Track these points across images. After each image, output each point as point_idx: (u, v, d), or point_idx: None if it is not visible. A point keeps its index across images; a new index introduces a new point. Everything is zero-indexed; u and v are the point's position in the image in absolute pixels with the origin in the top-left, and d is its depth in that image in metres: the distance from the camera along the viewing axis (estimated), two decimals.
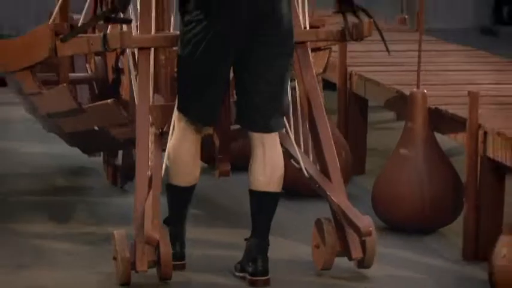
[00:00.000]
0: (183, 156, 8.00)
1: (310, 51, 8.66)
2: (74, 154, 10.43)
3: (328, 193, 7.98)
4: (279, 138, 8.17)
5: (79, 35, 8.17)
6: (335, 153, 8.23)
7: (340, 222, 7.84)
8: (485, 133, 7.74)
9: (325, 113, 8.49)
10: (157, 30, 8.37)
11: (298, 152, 8.53)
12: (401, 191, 8.53)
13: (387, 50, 8.70)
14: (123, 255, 7.57)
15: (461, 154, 8.64)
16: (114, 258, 7.67)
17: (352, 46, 10.42)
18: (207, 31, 7.57)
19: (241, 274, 7.85)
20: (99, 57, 9.90)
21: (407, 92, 8.89)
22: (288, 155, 8.56)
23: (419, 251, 8.32)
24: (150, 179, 8.02)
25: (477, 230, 7.83)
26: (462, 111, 8.05)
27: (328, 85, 10.43)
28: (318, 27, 8.97)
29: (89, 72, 9.66)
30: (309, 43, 8.62)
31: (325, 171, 8.23)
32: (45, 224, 9.03)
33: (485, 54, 11.94)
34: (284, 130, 8.44)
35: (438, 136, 8.73)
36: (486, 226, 7.78)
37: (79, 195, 9.83)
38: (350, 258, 7.81)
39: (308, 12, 8.78)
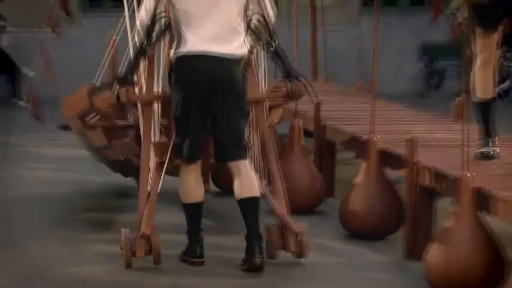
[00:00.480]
0: (187, 183, 8.20)
1: (266, 108, 9.05)
2: (123, 181, 10.46)
3: (275, 207, 8.46)
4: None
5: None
6: (280, 181, 8.65)
7: (282, 226, 8.24)
8: (419, 168, 7.94)
9: (274, 152, 8.82)
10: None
11: (257, 180, 8.64)
12: (360, 209, 8.63)
13: (316, 98, 9.59)
14: (127, 246, 7.94)
15: (403, 183, 8.50)
16: (121, 248, 7.99)
17: (324, 106, 10.63)
18: (181, 95, 8.00)
19: (245, 266, 7.96)
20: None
21: (363, 138, 9.06)
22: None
23: (372, 252, 8.38)
24: (149, 194, 8.39)
25: (414, 237, 7.95)
26: (404, 152, 8.17)
27: (307, 133, 10.55)
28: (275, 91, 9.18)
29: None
30: (265, 102, 8.98)
31: (273, 193, 8.62)
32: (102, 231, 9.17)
33: (420, 112, 12.09)
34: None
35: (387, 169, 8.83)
36: (420, 234, 7.86)
37: (122, 211, 9.73)
38: (288, 251, 8.15)
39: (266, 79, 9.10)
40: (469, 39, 7.89)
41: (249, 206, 8.15)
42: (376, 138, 8.72)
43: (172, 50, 8.06)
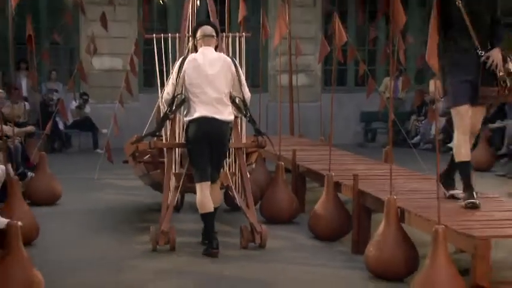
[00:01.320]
0: (202, 198, 8.06)
1: (244, 152, 9.18)
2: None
3: (246, 213, 8.53)
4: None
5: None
6: (250, 198, 8.64)
7: (251, 227, 8.29)
8: (361, 192, 7.84)
9: (247, 179, 8.87)
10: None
11: (236, 194, 9.00)
12: (322, 220, 8.47)
13: (274, 149, 9.68)
14: (153, 237, 8.06)
15: (350, 203, 8.39)
16: (150, 240, 8.12)
17: (298, 152, 10.43)
18: (192, 143, 8.06)
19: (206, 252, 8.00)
20: None
21: (324, 173, 8.72)
22: (232, 195, 9.28)
23: (330, 247, 8.20)
24: (168, 205, 8.40)
25: (358, 239, 7.81)
26: (351, 183, 7.97)
27: (287, 170, 10.15)
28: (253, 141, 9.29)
29: None
30: (244, 148, 9.11)
31: (247, 206, 8.64)
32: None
33: (361, 157, 11.50)
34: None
35: (340, 195, 8.60)
36: (362, 237, 7.74)
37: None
38: (254, 243, 8.19)
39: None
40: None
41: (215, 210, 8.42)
42: (332, 174, 8.53)
43: (185, 116, 8.23)
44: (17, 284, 5.67)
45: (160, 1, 14.52)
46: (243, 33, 9.83)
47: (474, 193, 6.79)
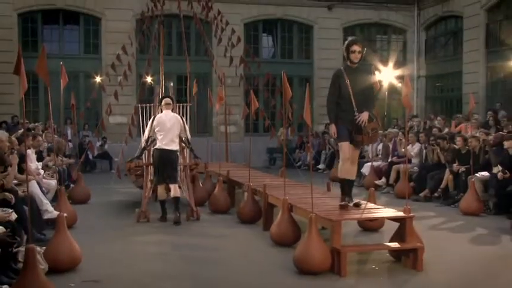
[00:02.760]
0: (160, 192, 8.58)
1: (188, 168, 9.34)
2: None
3: (189, 201, 8.76)
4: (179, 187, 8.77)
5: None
6: (191, 192, 8.85)
7: (191, 209, 8.64)
8: (267, 194, 7.67)
9: (189, 182, 9.14)
10: None
11: (184, 191, 9.02)
12: (245, 211, 8.28)
13: (196, 157, 9.55)
14: (137, 215, 8.42)
15: (261, 201, 8.01)
16: (135, 216, 8.45)
17: (231, 171, 10.15)
18: (155, 163, 8.59)
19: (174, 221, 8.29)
20: None
21: (246, 184, 8.52)
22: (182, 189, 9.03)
23: (251, 226, 8.00)
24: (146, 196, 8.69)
25: (266, 222, 7.65)
26: (262, 189, 7.85)
27: (224, 182, 9.63)
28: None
29: None
30: (188, 166, 9.34)
31: (189, 197, 8.81)
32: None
33: (267, 174, 10.93)
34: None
35: (256, 196, 8.29)
36: (268, 220, 7.58)
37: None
38: (193, 217, 8.55)
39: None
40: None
41: (176, 199, 8.43)
42: (251, 184, 8.26)
43: (154, 147, 8.62)
44: (63, 253, 5.50)
45: (150, 82, 14.45)
46: (189, 104, 10.84)
47: (351, 198, 6.39)
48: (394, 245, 5.79)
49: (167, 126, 8.46)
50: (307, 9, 19.91)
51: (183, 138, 8.84)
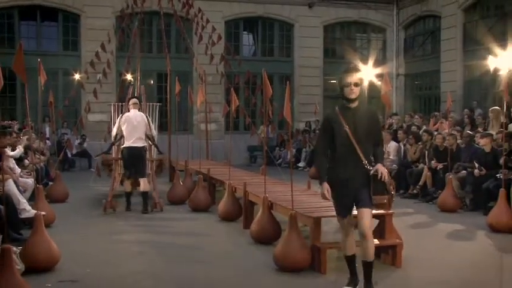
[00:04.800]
0: (126, 185, 9.14)
1: (154, 163, 9.82)
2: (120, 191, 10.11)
3: (153, 194, 9.07)
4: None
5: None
6: (155, 186, 9.31)
7: (155, 201, 9.10)
8: (248, 192, 7.59)
9: (155, 177, 9.68)
10: None
11: (151, 183, 9.32)
12: (225, 209, 8.20)
13: (160, 152, 10.00)
14: (104, 205, 8.93)
15: (242, 199, 7.91)
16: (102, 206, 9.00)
17: (211, 169, 10.07)
18: (124, 158, 9.01)
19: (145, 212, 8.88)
20: None
21: (226, 181, 8.44)
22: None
23: (229, 224, 7.99)
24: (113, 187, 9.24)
25: (246, 219, 7.59)
26: (242, 187, 7.76)
27: (204, 179, 9.65)
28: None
29: None
30: (154, 161, 9.74)
31: (154, 189, 9.21)
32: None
33: (247, 172, 10.75)
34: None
35: (237, 194, 8.23)
36: (249, 218, 7.51)
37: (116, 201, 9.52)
38: (156, 208, 9.06)
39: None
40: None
41: (145, 193, 8.99)
42: (231, 182, 8.22)
43: (122, 144, 9.06)
44: (41, 252, 5.40)
45: (130, 80, 14.34)
46: (158, 103, 11.69)
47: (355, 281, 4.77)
48: (374, 241, 5.79)
49: (134, 125, 8.95)
50: (288, 8, 19.93)
51: (149, 136, 9.24)
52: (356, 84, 4.37)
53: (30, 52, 15.62)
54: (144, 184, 9.04)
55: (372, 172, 4.34)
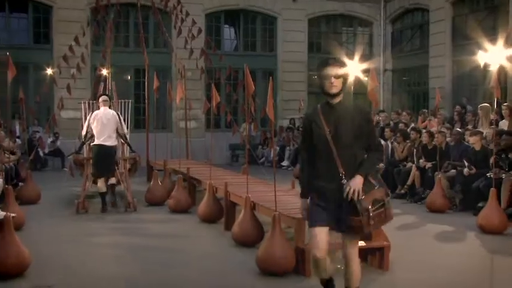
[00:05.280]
0: (99, 185, 9.24)
1: (127, 162, 9.99)
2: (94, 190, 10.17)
3: (127, 193, 9.31)
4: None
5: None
6: (129, 185, 9.46)
7: (129, 201, 9.24)
8: (229, 193, 7.62)
9: (128, 176, 9.67)
10: None
11: (122, 183, 9.58)
12: (205, 210, 8.21)
13: (132, 151, 10.01)
14: (77, 205, 9.06)
15: (223, 199, 7.93)
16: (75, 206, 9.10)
17: (191, 168, 10.19)
18: (94, 157, 9.20)
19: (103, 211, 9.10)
20: None
21: (206, 182, 8.41)
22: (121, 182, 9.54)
23: (210, 225, 7.99)
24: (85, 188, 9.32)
25: (227, 221, 7.62)
26: (223, 187, 7.79)
27: (184, 179, 9.59)
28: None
29: None
30: (127, 160, 9.98)
31: (127, 188, 9.41)
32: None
33: (229, 171, 10.84)
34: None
35: (217, 194, 8.30)
36: (230, 220, 7.55)
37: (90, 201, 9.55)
38: (130, 208, 9.27)
39: None
40: None
41: (113, 185, 9.43)
42: (212, 182, 8.22)
43: (92, 143, 9.24)
44: (10, 257, 5.31)
45: (105, 75, 14.21)
46: (130, 100, 11.82)
47: None
48: (360, 243, 5.78)
49: (104, 123, 9.13)
50: (271, 0, 19.92)
51: (121, 134, 9.41)
52: (337, 77, 3.80)
53: None
54: (113, 178, 9.41)
55: (344, 187, 3.71)
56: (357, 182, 3.71)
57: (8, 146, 10.99)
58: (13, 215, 5.82)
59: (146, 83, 13.67)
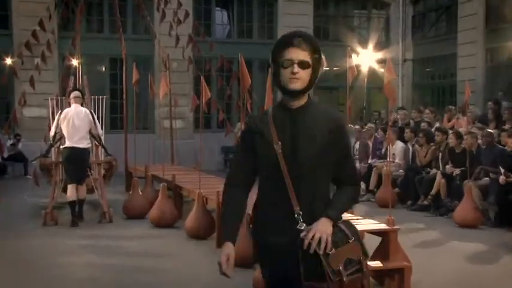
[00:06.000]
0: (69, 193, 9.35)
1: (102, 166, 10.27)
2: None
3: (101, 202, 9.64)
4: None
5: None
6: (104, 192, 9.75)
7: (104, 210, 9.56)
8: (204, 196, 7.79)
9: (102, 181, 9.98)
10: None
11: (96, 191, 9.91)
12: (193, 225, 8.36)
13: (108, 154, 10.19)
14: (43, 217, 9.28)
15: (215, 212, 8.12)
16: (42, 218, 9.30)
17: (177, 176, 10.34)
18: (65, 161, 9.43)
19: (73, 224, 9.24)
20: None
21: (196, 191, 8.41)
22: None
23: (176, 230, 8.02)
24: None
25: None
26: (215, 198, 7.74)
27: (169, 188, 9.68)
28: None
29: None
30: (102, 164, 10.35)
31: (101, 197, 9.68)
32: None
33: (221, 178, 11.15)
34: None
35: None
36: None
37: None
38: (105, 218, 9.48)
39: None
40: None
41: (81, 201, 9.57)
42: (201, 192, 8.31)
43: (62, 145, 9.45)
44: None
45: (75, 66, 14.24)
46: (105, 96, 12.05)
47: None
48: (376, 264, 5.80)
49: (75, 122, 9.28)
50: None
51: (94, 135, 9.64)
52: (303, 64, 2.85)
53: None
54: (82, 191, 9.51)
55: (301, 235, 2.82)
56: (322, 228, 2.81)
57: None
58: None
59: (124, 76, 13.66)
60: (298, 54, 2.87)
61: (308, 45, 2.91)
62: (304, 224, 2.83)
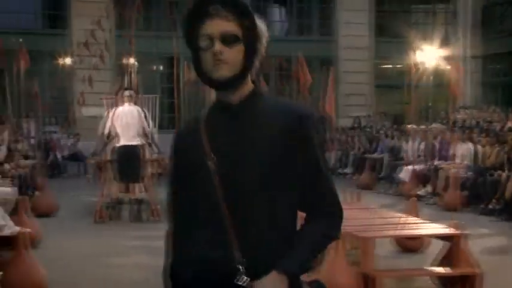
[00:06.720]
0: (115, 190, 9.83)
1: (154, 163, 10.23)
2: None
3: (150, 199, 9.35)
4: None
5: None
6: (152, 193, 9.80)
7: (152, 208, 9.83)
8: None
9: (151, 180, 9.97)
10: None
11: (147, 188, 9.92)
12: None
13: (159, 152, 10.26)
14: (94, 214, 9.63)
15: None
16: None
17: None
18: (117, 155, 9.68)
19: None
20: None
21: None
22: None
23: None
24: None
25: None
26: None
27: None
28: None
29: None
30: (154, 161, 10.19)
31: (149, 195, 9.94)
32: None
33: None
34: None
35: None
36: None
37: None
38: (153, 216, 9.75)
39: None
40: None
41: (139, 201, 9.84)
42: None
43: (116, 144, 9.67)
44: (25, 280, 5.46)
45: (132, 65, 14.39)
46: (157, 95, 12.16)
47: None
48: (441, 270, 5.71)
49: (127, 121, 9.64)
50: None
51: (146, 133, 9.95)
52: (227, 39, 1.97)
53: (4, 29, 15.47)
54: (139, 190, 9.74)
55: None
56: (266, 284, 1.91)
57: (22, 149, 11.31)
58: (28, 230, 5.94)
59: (175, 75, 13.77)
60: (219, 25, 1.97)
61: (231, 10, 1.98)
62: (246, 278, 1.91)
